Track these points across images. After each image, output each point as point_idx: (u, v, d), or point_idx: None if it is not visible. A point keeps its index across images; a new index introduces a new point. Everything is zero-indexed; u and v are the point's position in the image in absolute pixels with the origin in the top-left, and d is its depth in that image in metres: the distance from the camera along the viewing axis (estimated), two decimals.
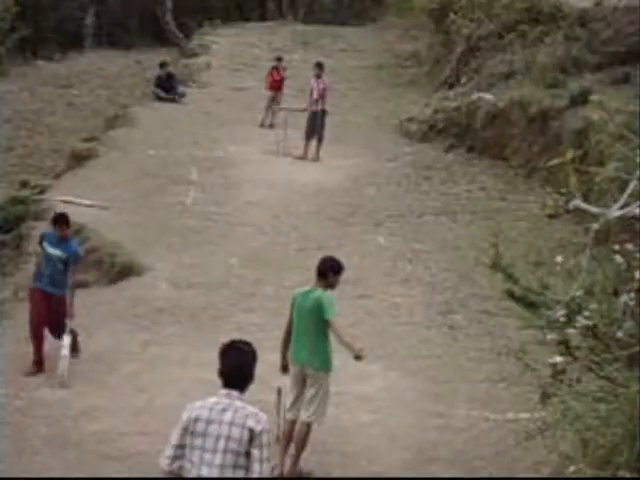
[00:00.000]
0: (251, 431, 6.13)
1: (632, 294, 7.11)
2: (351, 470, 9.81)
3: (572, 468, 7.19)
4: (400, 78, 29.17)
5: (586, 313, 7.05)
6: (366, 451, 10.24)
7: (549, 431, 7.93)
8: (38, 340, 12.35)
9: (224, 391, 6.29)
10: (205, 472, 6.12)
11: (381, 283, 15.42)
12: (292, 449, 9.71)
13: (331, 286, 9.85)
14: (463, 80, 24.68)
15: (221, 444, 6.13)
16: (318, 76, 22.41)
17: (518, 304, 7.65)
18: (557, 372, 7.23)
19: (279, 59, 26.45)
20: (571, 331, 7.12)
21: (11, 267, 17.00)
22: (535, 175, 19.12)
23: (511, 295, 7.62)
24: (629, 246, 7.43)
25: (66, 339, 12.17)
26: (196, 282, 15.31)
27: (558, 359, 7.21)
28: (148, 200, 18.72)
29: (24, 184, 20.43)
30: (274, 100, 25.19)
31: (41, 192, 19.17)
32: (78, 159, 21.25)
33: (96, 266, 16.13)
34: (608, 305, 7.19)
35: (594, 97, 17.93)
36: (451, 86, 25.33)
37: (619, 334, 6.99)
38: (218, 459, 6.11)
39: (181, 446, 6.27)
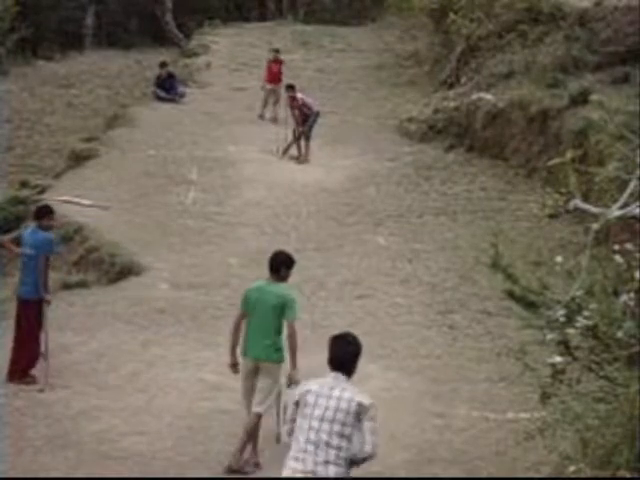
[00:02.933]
0: (360, 405, 6.89)
1: (632, 294, 7.10)
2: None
3: (572, 468, 7.17)
4: (400, 78, 29.16)
5: (586, 313, 7.05)
6: None
7: (549, 431, 7.93)
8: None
9: (332, 374, 7.04)
10: (312, 436, 6.85)
11: (381, 283, 15.42)
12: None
13: (284, 279, 9.93)
14: (463, 80, 24.67)
15: (329, 414, 6.87)
16: (292, 98, 22.34)
17: (518, 304, 7.63)
18: (557, 372, 7.23)
19: (276, 51, 26.42)
20: (571, 331, 7.12)
21: (11, 267, 16.99)
22: (535, 175, 19.11)
23: (511, 295, 7.61)
24: (629, 246, 7.42)
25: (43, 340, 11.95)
26: (196, 282, 15.31)
27: (558, 359, 7.21)
28: (148, 200, 18.73)
29: (24, 184, 20.45)
30: (273, 93, 25.19)
31: (41, 192, 19.18)
32: (78, 159, 21.27)
33: (96, 266, 16.14)
34: (608, 305, 7.18)
35: (594, 97, 17.90)
36: (451, 86, 25.32)
37: (619, 334, 6.98)
38: (326, 426, 6.86)
39: (295, 420, 7.05)
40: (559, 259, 7.81)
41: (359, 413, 6.86)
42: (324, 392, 6.91)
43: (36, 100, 29.18)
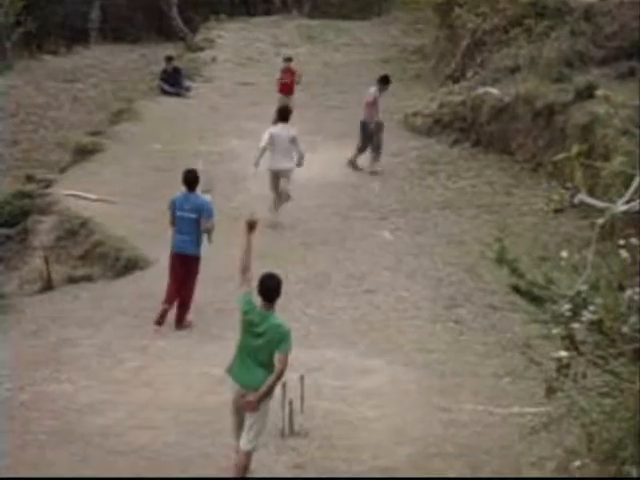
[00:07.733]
0: None
1: (637, 289, 7.10)
2: (356, 465, 9.81)
3: (577, 462, 7.19)
4: (405, 72, 29.11)
5: (591, 308, 7.04)
6: (371, 445, 10.24)
7: (554, 425, 7.94)
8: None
9: None
10: None
11: (386, 278, 15.41)
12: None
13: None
14: (468, 74, 24.65)
15: None
16: (381, 89, 21.21)
17: (523, 298, 7.63)
18: (562, 367, 7.22)
19: (287, 59, 24.99)
20: (576, 326, 7.11)
21: (16, 261, 17.03)
22: (541, 170, 19.09)
23: (516, 289, 7.61)
24: (634, 241, 7.42)
25: None
26: (201, 276, 15.30)
27: (563, 354, 7.20)
28: (153, 194, 18.69)
29: (30, 178, 20.44)
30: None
31: (46, 186, 19.18)
32: (83, 153, 21.26)
33: (102, 260, 16.16)
34: (613, 300, 7.17)
35: (599, 91, 17.84)
36: (456, 80, 25.29)
37: (624, 329, 6.98)
38: None
39: None
40: (564, 254, 7.80)
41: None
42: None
43: (41, 94, 29.18)
